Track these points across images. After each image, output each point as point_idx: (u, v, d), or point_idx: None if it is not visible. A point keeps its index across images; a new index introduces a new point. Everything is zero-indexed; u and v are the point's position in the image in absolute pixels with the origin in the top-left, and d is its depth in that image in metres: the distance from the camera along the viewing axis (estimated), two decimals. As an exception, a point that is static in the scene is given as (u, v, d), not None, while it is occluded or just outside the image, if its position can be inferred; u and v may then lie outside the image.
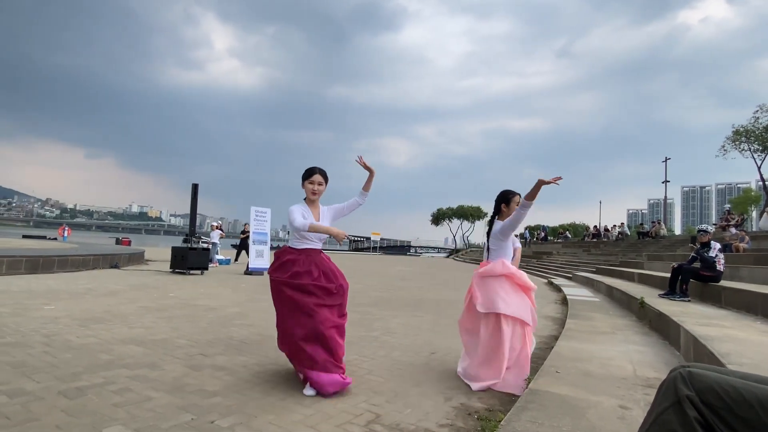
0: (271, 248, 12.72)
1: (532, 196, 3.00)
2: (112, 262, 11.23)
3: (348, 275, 3.43)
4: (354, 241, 60.42)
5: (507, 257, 3.34)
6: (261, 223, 12.97)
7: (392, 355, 3.86)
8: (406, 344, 4.33)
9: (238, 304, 6.32)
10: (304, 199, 3.10)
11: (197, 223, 13.23)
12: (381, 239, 54.65)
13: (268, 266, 12.46)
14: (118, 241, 25.42)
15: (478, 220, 57.73)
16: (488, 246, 3.43)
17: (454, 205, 60.83)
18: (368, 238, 54.73)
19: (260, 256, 12.28)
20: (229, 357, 3.53)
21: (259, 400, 2.62)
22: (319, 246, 3.07)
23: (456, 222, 60.77)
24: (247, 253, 12.90)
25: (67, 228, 28.73)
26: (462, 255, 44.68)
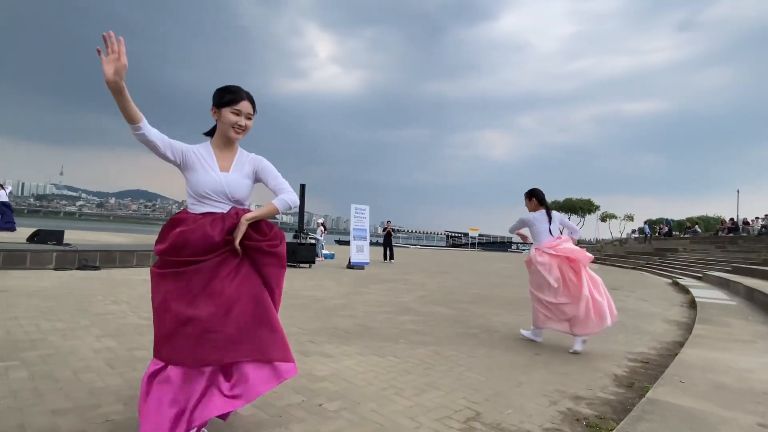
0: (371, 244, 13.18)
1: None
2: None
3: (445, 271, 3.43)
4: (451, 236, 59.88)
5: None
6: (360, 220, 13.50)
7: (492, 354, 3.78)
8: (507, 343, 4.20)
9: (342, 296, 6.67)
10: (209, 136, 2.03)
11: (305, 220, 14.20)
12: (479, 235, 53.39)
13: (368, 261, 12.99)
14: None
15: (589, 213, 53.34)
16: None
17: (561, 198, 57.00)
18: (466, 234, 53.85)
19: (360, 251, 12.79)
20: (335, 345, 3.76)
21: (363, 389, 2.76)
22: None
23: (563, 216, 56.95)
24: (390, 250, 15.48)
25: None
26: (569, 251, 41.57)
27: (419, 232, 74.27)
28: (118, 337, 3.58)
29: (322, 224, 16.88)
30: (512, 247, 60.14)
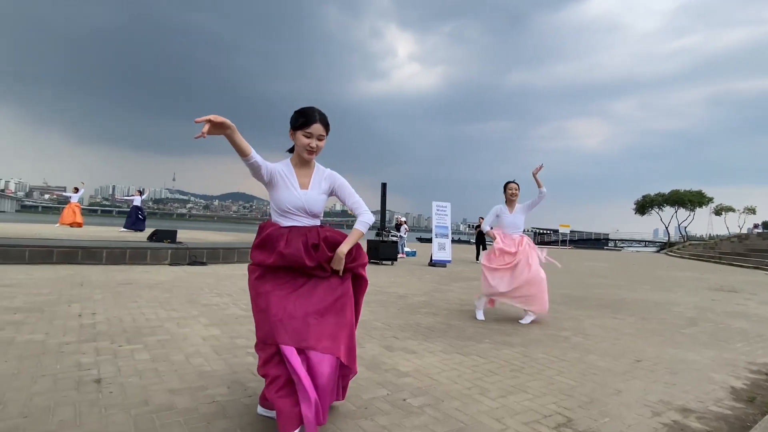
0: (453, 241, 13.02)
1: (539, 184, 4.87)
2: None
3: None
4: (539, 234, 57.09)
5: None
6: (442, 217, 13.39)
7: (586, 359, 3.55)
8: (603, 348, 3.92)
9: (424, 293, 6.68)
10: (291, 153, 2.20)
11: (386, 219, 14.43)
12: (571, 231, 50.19)
13: (450, 259, 12.86)
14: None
15: (700, 207, 47.43)
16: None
17: (666, 190, 51.37)
18: (555, 231, 50.97)
19: (442, 249, 12.69)
20: (418, 342, 3.79)
21: (446, 387, 2.75)
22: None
23: (668, 210, 51.02)
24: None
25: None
26: (678, 249, 34.75)
27: (504, 229, 71.69)
28: (222, 326, 3.94)
29: (404, 222, 17.04)
30: (608, 245, 55.61)
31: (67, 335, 3.39)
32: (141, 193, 15.03)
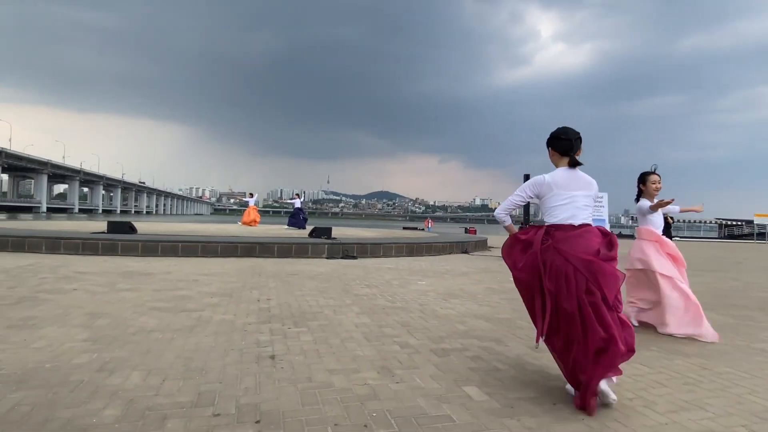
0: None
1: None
2: (463, 248, 13.09)
3: (716, 269, 2.79)
4: (725, 225, 47.63)
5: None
6: (597, 209, 12.12)
7: (793, 378, 2.87)
8: (820, 367, 3.12)
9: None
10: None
11: (531, 212, 13.67)
12: (773, 222, 40.59)
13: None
14: (466, 230, 29.37)
15: None
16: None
17: None
18: (749, 222, 41.88)
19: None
20: (569, 344, 3.53)
21: (602, 394, 2.51)
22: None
23: None
24: None
25: (430, 220, 35.43)
26: None
27: (680, 222, 61.67)
28: (371, 315, 4.24)
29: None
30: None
31: (249, 317, 4.04)
32: (299, 196, 17.75)
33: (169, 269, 6.88)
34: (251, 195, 19.68)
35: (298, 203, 17.21)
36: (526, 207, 13.23)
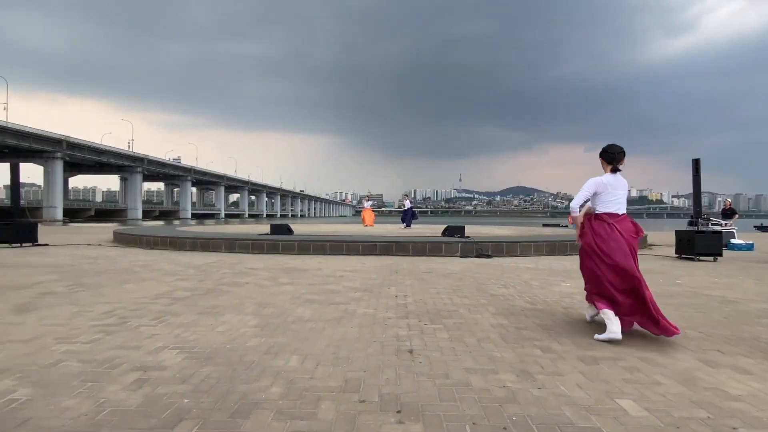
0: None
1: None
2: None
3: None
4: None
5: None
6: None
7: None
8: None
9: (766, 299, 5.08)
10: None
11: (705, 203, 11.62)
12: None
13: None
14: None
15: None
16: None
17: None
18: None
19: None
20: (757, 361, 2.93)
21: (807, 425, 2.04)
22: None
23: None
24: None
25: (574, 216, 32.89)
26: None
27: None
28: (509, 317, 4.10)
29: (730, 206, 13.36)
30: None
31: (389, 311, 4.26)
32: (407, 197, 20.40)
33: (319, 266, 7.62)
34: (368, 198, 24.01)
35: (407, 203, 19.68)
36: (698, 198, 11.35)
